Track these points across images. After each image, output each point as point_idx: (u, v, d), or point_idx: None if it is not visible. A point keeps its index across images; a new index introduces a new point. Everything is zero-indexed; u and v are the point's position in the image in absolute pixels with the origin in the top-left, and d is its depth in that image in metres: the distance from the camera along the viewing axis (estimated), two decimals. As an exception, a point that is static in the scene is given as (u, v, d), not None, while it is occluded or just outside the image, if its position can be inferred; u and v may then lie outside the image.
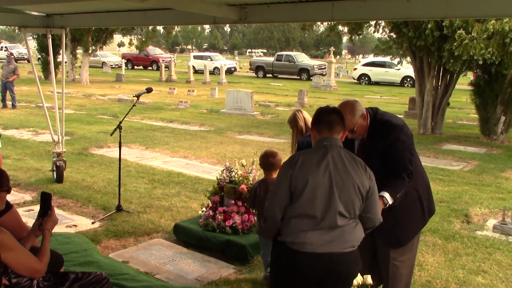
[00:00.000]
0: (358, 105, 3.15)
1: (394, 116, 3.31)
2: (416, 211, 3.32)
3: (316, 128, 2.80)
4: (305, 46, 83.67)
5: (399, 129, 3.17)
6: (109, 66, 37.35)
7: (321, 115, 2.81)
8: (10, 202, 3.20)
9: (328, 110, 2.84)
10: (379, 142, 3.16)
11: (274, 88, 26.67)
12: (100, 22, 6.88)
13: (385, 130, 3.16)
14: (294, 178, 2.64)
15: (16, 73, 15.87)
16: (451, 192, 7.40)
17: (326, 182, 2.61)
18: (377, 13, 4.30)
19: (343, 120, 2.80)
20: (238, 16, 4.82)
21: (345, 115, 2.90)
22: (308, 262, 2.61)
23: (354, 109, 3.12)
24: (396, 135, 3.14)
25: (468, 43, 10.13)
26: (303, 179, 2.62)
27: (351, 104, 3.15)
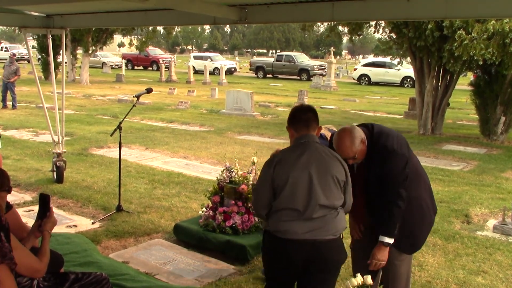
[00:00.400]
0: (356, 132, 3.12)
1: (387, 135, 3.23)
2: (425, 215, 3.39)
3: (293, 126, 2.96)
4: (305, 47, 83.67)
5: (395, 155, 3.15)
6: (109, 66, 37.35)
7: (298, 114, 2.97)
8: (10, 203, 3.20)
9: (304, 108, 3.00)
10: (376, 167, 3.19)
11: (274, 89, 26.68)
12: (100, 22, 6.88)
13: (381, 158, 3.15)
14: (275, 176, 2.82)
15: (17, 74, 15.88)
16: (451, 192, 7.40)
17: (305, 177, 2.79)
18: (377, 13, 4.30)
19: (317, 117, 2.97)
20: (238, 16, 4.82)
21: (345, 145, 3.05)
22: (292, 248, 2.78)
23: (353, 138, 3.09)
24: (392, 161, 3.14)
25: (468, 43, 10.13)
26: (284, 176, 2.80)
27: (350, 133, 3.11)
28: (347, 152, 3.08)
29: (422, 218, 3.37)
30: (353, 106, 19.15)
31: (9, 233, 2.45)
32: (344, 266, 4.53)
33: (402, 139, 3.26)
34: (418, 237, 3.40)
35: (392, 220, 3.12)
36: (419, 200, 3.32)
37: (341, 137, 3.11)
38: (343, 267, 4.55)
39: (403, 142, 3.23)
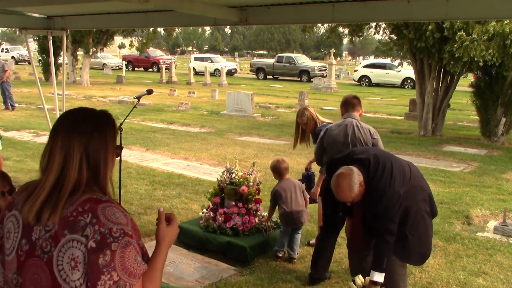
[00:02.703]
0: (354, 178, 3.15)
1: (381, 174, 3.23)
2: (429, 225, 3.48)
3: (344, 108, 4.48)
4: (305, 48, 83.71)
5: (385, 196, 3.21)
6: (109, 67, 37.38)
7: (349, 100, 4.46)
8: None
9: (352, 96, 4.53)
10: (368, 206, 3.29)
11: (274, 90, 26.69)
12: (100, 23, 6.88)
13: (373, 198, 3.23)
14: (326, 138, 4.42)
15: (5, 69, 15.25)
16: (452, 193, 7.40)
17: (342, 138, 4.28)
18: (377, 14, 4.30)
19: (359, 101, 4.49)
20: (239, 18, 4.83)
21: (344, 192, 3.15)
22: None
23: (351, 184, 3.14)
24: (382, 204, 3.21)
25: (468, 44, 10.14)
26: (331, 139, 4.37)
27: (349, 180, 3.14)
28: (346, 198, 3.20)
29: (426, 228, 3.44)
30: (353, 108, 19.14)
31: None
32: (344, 266, 4.53)
33: (397, 171, 3.27)
34: (427, 247, 3.49)
35: (380, 255, 3.21)
36: (421, 211, 3.40)
37: (339, 184, 3.16)
38: (343, 267, 4.56)
39: (397, 174, 3.25)
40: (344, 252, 4.66)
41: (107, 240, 1.39)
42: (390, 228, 3.20)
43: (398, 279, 3.44)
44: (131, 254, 1.43)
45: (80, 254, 1.39)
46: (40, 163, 1.53)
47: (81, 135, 1.50)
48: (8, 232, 1.53)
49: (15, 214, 1.53)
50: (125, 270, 1.40)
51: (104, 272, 1.38)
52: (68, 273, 1.40)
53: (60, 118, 1.58)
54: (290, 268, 4.64)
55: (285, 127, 13.45)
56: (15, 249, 1.50)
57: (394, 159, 3.41)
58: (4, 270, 1.55)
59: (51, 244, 1.42)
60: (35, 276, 1.45)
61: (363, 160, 3.28)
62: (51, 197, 1.46)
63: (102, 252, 1.39)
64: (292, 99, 20.82)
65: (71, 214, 1.43)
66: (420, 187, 3.44)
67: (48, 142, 1.53)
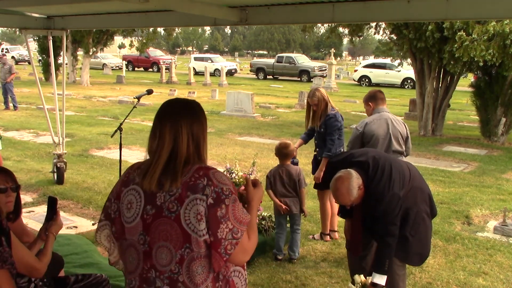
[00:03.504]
0: (353, 182, 3.12)
1: (381, 176, 3.23)
2: (428, 226, 3.48)
3: (374, 102, 4.61)
4: (305, 48, 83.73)
5: (384, 198, 3.19)
6: (109, 67, 37.37)
7: (378, 94, 4.65)
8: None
9: (378, 91, 4.72)
10: (368, 209, 3.28)
11: (274, 90, 26.69)
12: (100, 23, 6.88)
13: (373, 201, 3.22)
14: (367, 134, 4.47)
15: (12, 72, 15.63)
16: (452, 193, 7.40)
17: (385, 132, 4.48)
18: (377, 14, 4.30)
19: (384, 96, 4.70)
20: (239, 17, 4.82)
21: (343, 195, 3.14)
22: None
23: (350, 188, 3.11)
24: (381, 206, 3.20)
25: (468, 44, 10.14)
26: (371, 133, 4.45)
27: (348, 183, 3.11)
28: (345, 202, 3.19)
29: (426, 229, 3.45)
30: (353, 108, 19.14)
31: (10, 237, 2.44)
32: (344, 266, 4.53)
33: (396, 173, 3.25)
34: (426, 248, 3.50)
35: (382, 258, 3.20)
36: (421, 213, 3.39)
37: (338, 188, 3.13)
38: (343, 268, 4.56)
39: (396, 177, 3.23)
40: (344, 252, 4.67)
41: (221, 197, 1.76)
42: (391, 230, 3.20)
43: (398, 279, 3.45)
44: (239, 207, 1.81)
45: (203, 209, 1.74)
46: (149, 145, 1.89)
47: (186, 119, 1.88)
48: (130, 203, 1.87)
49: (134, 187, 1.88)
50: (237, 219, 1.78)
51: (222, 222, 1.75)
52: (195, 224, 1.75)
53: (164, 108, 1.96)
54: (290, 268, 4.64)
55: (285, 127, 13.44)
56: (139, 215, 1.84)
57: (394, 161, 3.41)
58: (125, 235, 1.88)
59: (177, 204, 1.77)
60: (164, 232, 1.78)
61: (362, 163, 3.26)
62: (167, 169, 1.81)
63: (219, 207, 1.75)
64: (292, 99, 20.82)
65: (190, 179, 1.79)
66: (420, 188, 3.44)
67: (155, 127, 1.89)
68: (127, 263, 1.91)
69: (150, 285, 1.83)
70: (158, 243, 1.80)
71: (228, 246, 1.76)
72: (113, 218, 1.94)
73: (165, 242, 1.79)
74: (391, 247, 3.19)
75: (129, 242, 1.88)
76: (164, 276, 1.80)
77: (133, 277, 1.88)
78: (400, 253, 3.30)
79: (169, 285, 1.80)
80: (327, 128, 5.09)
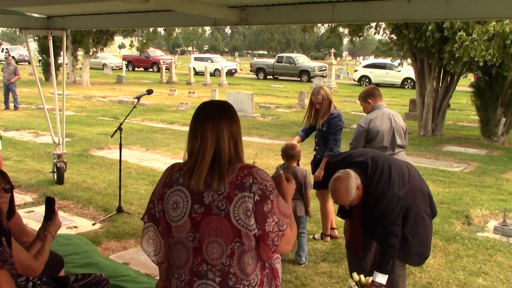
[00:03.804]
0: (351, 182, 3.11)
1: (380, 176, 3.22)
2: (428, 226, 3.47)
3: (373, 99, 4.65)
4: (305, 48, 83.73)
5: (384, 198, 3.18)
6: (109, 67, 37.38)
7: (375, 91, 4.72)
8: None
9: (374, 87, 4.82)
10: (368, 209, 3.28)
11: (274, 90, 26.69)
12: (100, 23, 6.88)
13: (372, 201, 3.21)
14: (371, 131, 4.55)
15: (17, 73, 15.87)
16: (452, 193, 7.40)
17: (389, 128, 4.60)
18: (377, 14, 4.30)
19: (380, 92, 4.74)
20: (239, 18, 4.82)
21: (341, 195, 3.12)
22: None
23: (349, 188, 3.10)
24: (381, 206, 3.19)
25: (468, 44, 10.14)
26: (376, 129, 4.54)
27: (346, 183, 3.10)
28: (343, 202, 3.17)
29: (426, 229, 3.43)
30: (353, 108, 19.14)
31: (10, 237, 2.44)
32: (344, 266, 4.53)
33: (395, 173, 3.24)
34: (426, 248, 3.49)
35: (386, 258, 3.19)
36: (421, 212, 3.38)
37: (336, 188, 3.12)
38: (343, 268, 4.56)
39: (395, 176, 3.23)
40: (343, 252, 4.66)
41: (266, 193, 1.89)
42: (393, 231, 3.18)
43: (398, 280, 3.45)
44: (282, 201, 1.95)
45: (251, 206, 1.87)
46: (189, 146, 2.01)
47: (226, 120, 1.98)
48: (175, 203, 1.98)
49: (179, 188, 1.98)
50: (281, 213, 1.92)
51: (268, 216, 1.89)
52: (245, 220, 1.88)
53: (203, 110, 2.03)
54: (290, 268, 4.64)
55: (285, 127, 13.45)
56: (186, 214, 1.95)
57: (393, 161, 3.40)
58: (172, 233, 2.01)
59: (226, 202, 1.88)
60: (214, 228, 1.91)
61: (361, 163, 3.25)
62: (213, 169, 1.92)
63: (265, 202, 1.88)
64: (292, 99, 20.81)
65: (236, 179, 1.90)
66: (420, 188, 3.44)
67: (195, 129, 1.98)
68: (174, 259, 2.03)
69: (201, 278, 1.95)
70: (209, 239, 1.92)
71: (275, 238, 1.91)
72: (158, 218, 2.06)
73: (216, 238, 1.92)
74: (395, 247, 3.18)
75: (177, 239, 2.00)
76: (216, 269, 1.93)
77: (183, 272, 2.00)
78: (400, 253, 3.29)
79: (221, 276, 1.93)
80: (330, 127, 5.09)
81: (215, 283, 1.94)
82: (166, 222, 2.03)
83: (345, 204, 3.19)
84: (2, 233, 2.34)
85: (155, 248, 2.10)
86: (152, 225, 2.09)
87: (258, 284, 1.97)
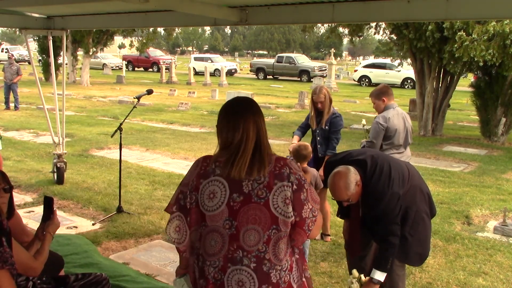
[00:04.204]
0: (351, 177, 3.11)
1: (380, 174, 3.22)
2: (427, 226, 3.48)
3: (387, 97, 4.79)
4: (305, 48, 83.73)
5: (384, 196, 3.17)
6: (109, 67, 37.38)
7: (389, 90, 4.87)
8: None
9: (387, 86, 4.96)
10: (368, 208, 3.28)
11: (274, 90, 26.68)
12: (100, 23, 6.88)
13: (372, 200, 3.21)
14: (390, 129, 4.68)
15: (19, 74, 15.89)
16: (452, 193, 7.40)
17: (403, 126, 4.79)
18: (377, 14, 4.30)
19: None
20: (239, 18, 4.82)
21: (340, 190, 3.11)
22: None
23: (348, 182, 3.09)
24: (381, 205, 3.19)
25: (468, 44, 10.14)
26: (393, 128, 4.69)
27: (345, 178, 3.10)
28: (342, 196, 3.14)
29: (425, 229, 3.44)
30: (353, 108, 19.15)
31: (11, 237, 2.44)
32: (344, 266, 4.53)
33: (395, 172, 3.24)
34: (426, 247, 3.49)
35: (385, 256, 3.19)
36: (420, 212, 3.39)
37: (335, 182, 3.12)
38: (343, 268, 4.56)
39: (395, 175, 3.23)
40: (343, 252, 4.66)
41: (302, 183, 2.06)
42: (393, 230, 3.19)
43: (397, 280, 3.45)
44: (313, 189, 2.13)
45: (290, 194, 2.02)
46: (224, 138, 2.10)
47: (254, 115, 2.11)
48: (212, 193, 2.06)
49: (216, 179, 2.07)
50: (314, 201, 2.09)
51: (305, 204, 2.05)
52: (284, 208, 2.02)
53: (240, 105, 2.16)
54: (290, 268, 4.64)
55: (285, 127, 13.44)
56: (224, 203, 2.04)
57: (392, 161, 3.40)
58: (206, 222, 2.08)
59: (266, 191, 2.01)
60: (253, 216, 2.02)
61: (360, 161, 3.26)
62: (254, 158, 2.04)
63: (302, 191, 2.05)
64: (292, 99, 20.81)
65: (274, 169, 2.04)
66: (419, 187, 3.44)
67: (236, 122, 2.08)
68: (207, 247, 2.10)
69: (236, 264, 2.05)
70: (247, 226, 2.03)
71: (310, 224, 2.08)
72: (189, 208, 2.13)
73: (254, 225, 2.03)
74: (394, 246, 3.19)
75: (211, 228, 2.08)
76: (251, 255, 2.04)
77: (216, 258, 2.07)
78: (399, 253, 3.29)
79: (256, 262, 2.04)
80: (332, 126, 5.24)
81: (249, 269, 2.04)
82: (197, 213, 2.11)
83: (343, 199, 3.16)
84: (2, 234, 2.34)
85: (181, 237, 2.17)
86: (181, 214, 2.15)
87: (289, 269, 2.09)
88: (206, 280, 2.08)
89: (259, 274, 2.03)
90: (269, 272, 2.03)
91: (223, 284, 2.05)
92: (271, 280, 2.04)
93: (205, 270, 2.10)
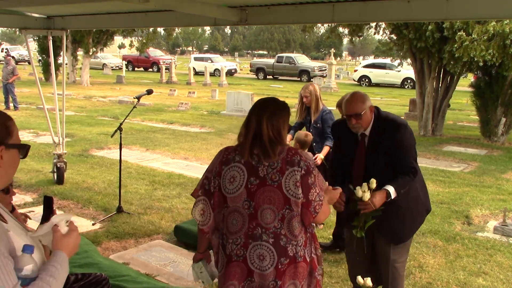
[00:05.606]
0: (367, 97, 3.28)
1: (397, 116, 3.41)
2: (417, 207, 3.41)
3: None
4: (305, 48, 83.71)
5: (405, 127, 3.24)
6: (109, 67, 37.36)
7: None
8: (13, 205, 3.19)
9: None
10: (386, 139, 3.20)
11: (274, 90, 26.68)
12: (100, 23, 6.88)
13: (393, 127, 3.21)
14: None
15: (15, 74, 15.83)
16: (452, 193, 7.40)
17: None
18: (377, 14, 4.30)
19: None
20: (239, 18, 4.83)
21: (356, 101, 3.21)
22: None
23: (364, 97, 3.24)
24: (403, 132, 3.21)
25: (468, 44, 10.14)
26: None
27: (362, 94, 3.28)
28: (356, 108, 3.17)
29: (415, 208, 3.37)
30: (353, 108, 19.15)
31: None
32: (344, 266, 4.53)
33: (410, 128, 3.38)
34: (406, 227, 3.38)
35: (403, 181, 3.17)
36: (416, 192, 3.35)
37: (353, 94, 3.29)
38: (343, 268, 4.56)
39: (411, 129, 3.35)
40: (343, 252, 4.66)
41: (310, 169, 2.32)
42: (413, 166, 3.22)
43: (399, 280, 3.44)
44: (321, 177, 2.38)
45: (299, 178, 2.30)
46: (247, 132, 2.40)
47: (266, 112, 2.40)
48: (233, 177, 2.38)
49: (236, 165, 2.39)
50: (320, 187, 2.34)
51: (312, 187, 2.31)
52: (294, 190, 2.30)
53: (269, 103, 2.46)
54: (290, 268, 4.64)
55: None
56: (243, 186, 2.35)
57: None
58: (227, 204, 2.40)
59: (279, 175, 2.31)
60: (268, 197, 2.32)
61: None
62: (266, 148, 2.33)
63: (309, 176, 2.31)
64: (292, 99, 20.74)
65: (287, 156, 2.33)
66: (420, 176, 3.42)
67: (249, 120, 2.42)
68: (229, 226, 2.40)
69: (256, 240, 2.34)
70: (263, 206, 2.32)
71: (316, 206, 2.32)
72: (212, 192, 2.44)
73: (269, 205, 2.32)
74: (411, 180, 3.20)
75: (232, 208, 2.39)
76: (269, 232, 2.32)
77: (238, 236, 2.37)
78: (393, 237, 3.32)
79: (274, 238, 2.32)
80: (324, 122, 5.38)
81: (268, 244, 2.32)
82: (220, 196, 2.41)
83: (357, 111, 3.15)
84: None
85: (205, 219, 2.47)
86: (205, 198, 2.46)
87: (303, 245, 2.37)
88: (229, 257, 2.38)
89: (277, 248, 2.31)
90: (286, 246, 2.31)
91: (246, 259, 2.34)
92: (288, 253, 2.31)
93: (227, 247, 2.39)
